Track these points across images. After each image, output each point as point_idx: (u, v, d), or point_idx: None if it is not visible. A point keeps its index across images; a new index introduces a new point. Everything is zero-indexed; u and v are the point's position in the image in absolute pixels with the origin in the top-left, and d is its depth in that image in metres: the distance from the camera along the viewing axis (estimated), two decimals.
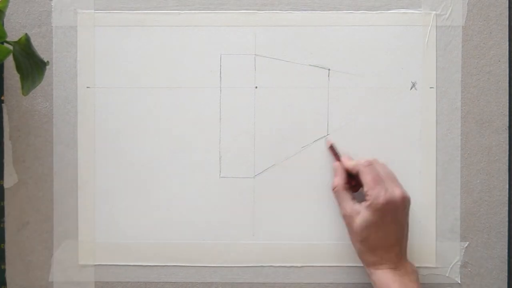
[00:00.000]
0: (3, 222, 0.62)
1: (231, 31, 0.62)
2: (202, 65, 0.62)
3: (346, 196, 0.59)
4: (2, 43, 0.53)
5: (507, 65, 0.62)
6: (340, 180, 0.60)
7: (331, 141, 0.62)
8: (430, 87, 0.62)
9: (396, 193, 0.57)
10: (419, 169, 0.62)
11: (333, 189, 0.60)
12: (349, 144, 0.62)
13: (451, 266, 0.62)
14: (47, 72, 0.57)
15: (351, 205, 0.58)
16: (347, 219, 0.58)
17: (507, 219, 0.62)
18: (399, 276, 0.56)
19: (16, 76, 0.53)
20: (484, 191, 0.62)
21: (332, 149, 0.61)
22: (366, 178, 0.57)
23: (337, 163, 0.61)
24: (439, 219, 0.62)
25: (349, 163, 0.60)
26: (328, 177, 0.62)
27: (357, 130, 0.62)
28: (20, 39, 0.52)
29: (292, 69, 0.62)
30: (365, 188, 0.57)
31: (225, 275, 0.63)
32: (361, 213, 0.57)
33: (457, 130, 0.62)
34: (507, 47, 0.62)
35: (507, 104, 0.62)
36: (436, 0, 0.62)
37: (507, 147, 0.62)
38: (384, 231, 0.57)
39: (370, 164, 0.58)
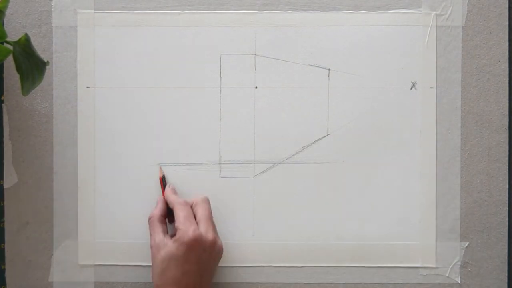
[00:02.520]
0: (3, 222, 0.62)
1: (231, 31, 0.62)
2: (202, 65, 0.62)
3: (159, 228, 0.58)
4: (2, 43, 0.53)
5: (507, 65, 0.62)
6: (157, 210, 0.59)
7: (163, 172, 0.62)
8: (430, 87, 0.62)
9: (209, 235, 0.56)
10: (419, 169, 0.62)
11: (149, 219, 0.59)
12: (349, 144, 0.62)
13: (451, 266, 0.62)
14: (47, 72, 0.57)
15: (161, 237, 0.57)
16: (154, 249, 0.57)
17: (507, 219, 0.62)
18: None
19: (16, 76, 0.53)
20: (484, 191, 0.62)
21: (161, 180, 0.61)
22: (179, 214, 0.57)
23: (160, 196, 0.61)
24: (439, 219, 0.62)
25: (169, 198, 0.60)
26: (328, 177, 0.62)
27: (357, 130, 0.62)
28: (20, 39, 0.52)
29: (292, 69, 0.62)
30: (176, 223, 0.57)
31: (225, 275, 0.63)
32: (167, 245, 0.56)
33: (457, 130, 0.62)
34: (507, 47, 0.62)
35: (507, 104, 0.62)
36: (436, 0, 0.62)
37: (507, 147, 0.62)
38: (183, 268, 0.55)
39: (186, 204, 0.58)
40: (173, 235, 0.57)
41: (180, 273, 0.55)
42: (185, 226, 0.56)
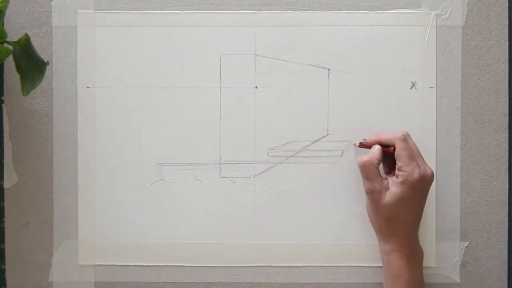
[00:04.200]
0: (3, 222, 0.62)
1: (231, 31, 0.62)
2: (202, 65, 0.62)
3: (376, 172, 0.58)
4: (2, 43, 0.53)
5: (507, 65, 0.62)
6: (374, 156, 0.58)
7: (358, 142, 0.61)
8: (430, 87, 0.62)
9: (428, 171, 0.57)
10: None
11: (364, 164, 0.58)
12: (349, 144, 0.62)
13: (451, 266, 0.62)
14: (47, 72, 0.57)
15: (380, 181, 0.57)
16: (375, 195, 0.57)
17: (507, 219, 0.62)
18: (411, 263, 0.57)
19: (16, 76, 0.53)
20: (484, 191, 0.62)
21: (362, 145, 0.61)
22: (402, 154, 0.57)
23: (377, 145, 0.59)
24: (439, 219, 0.62)
25: (386, 136, 0.59)
26: (328, 176, 0.62)
27: (357, 130, 0.62)
28: (20, 39, 0.52)
29: (292, 69, 0.62)
30: (400, 164, 0.57)
31: (225, 275, 0.63)
32: (392, 189, 0.56)
33: (457, 130, 0.62)
34: (507, 47, 0.62)
35: (507, 104, 0.62)
36: (436, 0, 0.62)
37: (507, 147, 0.62)
38: (412, 208, 0.57)
39: (405, 140, 0.58)
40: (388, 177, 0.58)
41: (409, 213, 0.57)
42: (410, 167, 0.56)
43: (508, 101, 0.62)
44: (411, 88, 0.62)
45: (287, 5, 0.62)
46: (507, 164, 0.62)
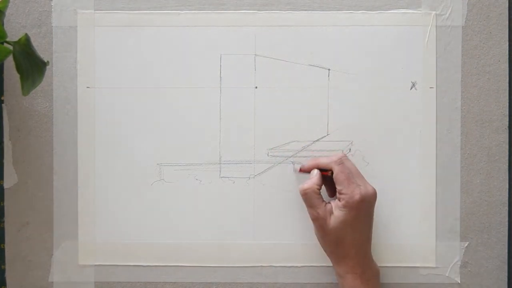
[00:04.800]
0: (3, 222, 0.62)
1: (231, 31, 0.62)
2: (202, 65, 0.63)
3: (318, 199, 0.58)
4: (2, 43, 0.53)
5: (507, 65, 0.62)
6: (314, 182, 0.58)
7: (299, 165, 0.61)
8: (430, 87, 0.62)
9: (369, 189, 0.57)
10: (419, 169, 0.62)
11: (305, 192, 0.58)
12: (349, 144, 0.62)
13: (451, 266, 0.62)
14: (47, 72, 0.57)
15: (323, 206, 0.57)
16: (320, 221, 0.57)
17: (507, 219, 0.62)
18: (366, 283, 0.57)
19: (16, 76, 0.53)
20: (484, 191, 0.62)
21: (301, 170, 0.61)
22: (339, 177, 0.57)
23: (315, 170, 0.60)
24: (439, 219, 0.62)
25: (323, 160, 0.59)
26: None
27: (357, 130, 0.62)
28: (20, 39, 0.52)
29: (292, 69, 0.62)
30: (339, 187, 0.57)
31: (225, 275, 0.63)
32: (335, 212, 0.56)
33: (457, 130, 0.62)
34: (507, 47, 0.62)
35: (507, 104, 0.62)
36: (436, 0, 0.62)
37: (507, 147, 0.62)
38: (359, 229, 0.57)
39: (342, 163, 0.58)
40: (330, 201, 0.58)
41: (357, 234, 0.57)
42: (349, 189, 0.56)
43: (508, 101, 0.62)
44: (411, 88, 0.62)
45: (287, 5, 0.62)
46: (507, 164, 0.62)
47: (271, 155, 0.63)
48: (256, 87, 0.63)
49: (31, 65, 0.53)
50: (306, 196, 0.58)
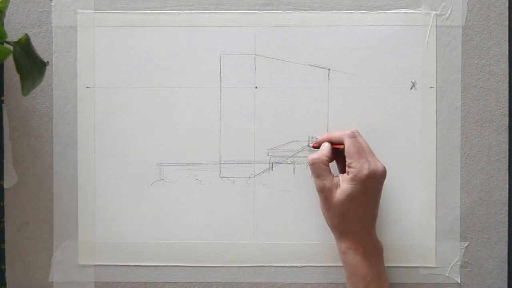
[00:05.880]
0: (3, 222, 0.62)
1: (231, 31, 0.62)
2: (202, 65, 0.63)
3: (326, 170, 0.57)
4: (2, 43, 0.53)
5: (507, 65, 0.62)
6: (323, 153, 0.58)
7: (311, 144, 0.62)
8: (430, 87, 0.62)
9: (379, 166, 0.56)
10: (419, 169, 0.62)
11: (313, 161, 0.58)
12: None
13: (451, 266, 0.62)
14: (47, 72, 0.57)
15: (330, 178, 0.57)
16: (325, 193, 0.57)
17: (507, 219, 0.62)
18: (368, 260, 0.56)
19: (16, 76, 0.53)
20: (484, 191, 0.62)
21: (315, 145, 0.61)
22: (350, 150, 0.57)
23: (326, 143, 0.59)
24: (439, 219, 0.62)
25: (336, 134, 0.59)
26: None
27: (357, 130, 0.62)
28: (20, 39, 0.52)
29: (292, 69, 0.62)
30: (349, 160, 0.56)
31: (225, 275, 0.63)
32: (342, 186, 0.56)
33: (457, 130, 0.62)
34: (507, 47, 0.62)
35: (507, 104, 0.62)
36: (436, 0, 0.62)
37: (507, 147, 0.62)
38: (364, 205, 0.56)
39: (354, 136, 0.58)
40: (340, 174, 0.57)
41: (361, 210, 0.56)
42: (359, 164, 0.56)
43: (508, 101, 0.62)
44: (411, 88, 0.62)
45: (287, 5, 0.62)
46: (507, 164, 0.62)
47: (271, 155, 0.63)
48: (256, 87, 0.63)
49: (31, 65, 0.53)
50: (314, 166, 0.58)
